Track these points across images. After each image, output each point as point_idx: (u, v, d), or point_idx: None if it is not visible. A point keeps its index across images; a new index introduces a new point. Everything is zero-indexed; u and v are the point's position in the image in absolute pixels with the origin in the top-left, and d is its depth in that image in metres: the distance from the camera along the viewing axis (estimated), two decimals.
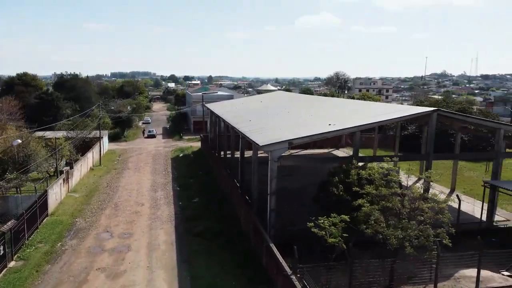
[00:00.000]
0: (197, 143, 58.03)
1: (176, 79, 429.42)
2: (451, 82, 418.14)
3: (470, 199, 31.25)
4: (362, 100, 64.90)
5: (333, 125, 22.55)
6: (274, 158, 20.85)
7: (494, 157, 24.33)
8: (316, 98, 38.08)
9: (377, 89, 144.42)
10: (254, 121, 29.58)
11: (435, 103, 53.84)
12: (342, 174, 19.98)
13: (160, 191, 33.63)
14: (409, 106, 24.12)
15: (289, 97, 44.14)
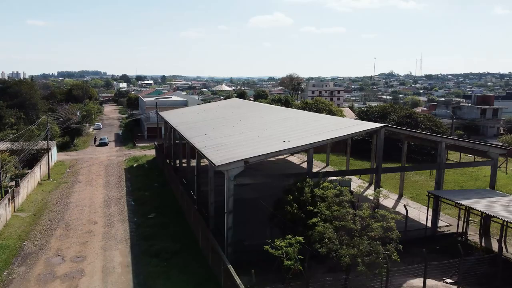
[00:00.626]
0: (152, 151, 56.96)
1: (128, 79, 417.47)
2: (398, 82, 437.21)
3: (417, 205, 33.07)
4: (315, 104, 66.58)
5: (288, 142, 23.09)
6: (230, 177, 21.02)
7: (437, 168, 25.86)
8: (271, 109, 38.56)
9: (329, 91, 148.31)
10: (210, 134, 29.58)
11: (383, 109, 56.36)
12: (297, 192, 20.52)
13: (114, 207, 32.76)
14: (359, 122, 25.10)
15: (244, 105, 44.41)
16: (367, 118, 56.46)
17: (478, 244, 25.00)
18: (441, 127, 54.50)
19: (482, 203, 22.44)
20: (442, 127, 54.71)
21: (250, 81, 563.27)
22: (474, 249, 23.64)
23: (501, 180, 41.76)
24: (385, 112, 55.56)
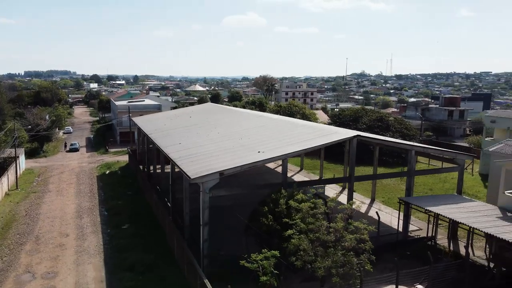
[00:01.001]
0: (125, 156, 56.02)
1: (99, 79, 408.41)
2: (370, 82, 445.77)
3: (389, 209, 33.94)
4: (289, 107, 67.10)
5: (263, 153, 23.26)
6: (205, 189, 21.00)
7: (407, 176, 26.63)
8: (246, 115, 38.65)
9: (302, 92, 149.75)
10: (184, 143, 29.42)
11: (355, 113, 57.41)
12: (272, 204, 20.70)
13: (86, 217, 32.07)
14: (332, 131, 25.53)
15: (219, 111, 44.31)
16: (340, 121, 57.41)
17: (446, 248, 25.92)
18: (410, 130, 56.01)
19: (449, 210, 23.26)
20: (411, 130, 56.24)
21: (224, 81, 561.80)
22: (443, 253, 24.47)
23: (468, 182, 43.38)
24: (357, 116, 56.63)
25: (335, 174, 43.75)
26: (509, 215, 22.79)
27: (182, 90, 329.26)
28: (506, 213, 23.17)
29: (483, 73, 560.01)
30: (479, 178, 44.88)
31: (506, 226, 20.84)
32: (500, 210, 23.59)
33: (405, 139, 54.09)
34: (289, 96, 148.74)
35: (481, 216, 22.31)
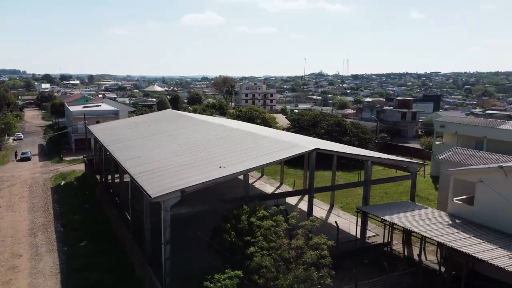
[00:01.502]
0: (81, 165, 54.14)
1: (52, 79, 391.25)
2: (327, 82, 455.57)
3: (347, 215, 35.04)
4: (249, 112, 67.42)
5: (224, 168, 23.34)
6: (166, 208, 20.82)
7: (364, 185, 27.62)
8: (206, 124, 38.46)
9: (262, 94, 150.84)
10: (144, 157, 28.93)
11: (314, 118, 58.62)
12: (234, 220, 20.84)
13: (40, 235, 30.77)
14: (292, 143, 26.00)
15: (179, 119, 43.80)
16: (299, 126, 58.45)
17: (401, 254, 27.16)
18: (367, 133, 57.92)
19: (403, 218, 24.37)
20: (367, 133, 58.16)
21: (183, 81, 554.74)
22: (399, 259, 25.60)
23: (420, 184, 45.44)
24: (316, 120, 57.88)
25: (296, 180, 44.58)
26: (458, 222, 24.23)
27: (140, 90, 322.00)
28: (455, 219, 24.60)
29: (433, 73, 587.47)
30: (431, 181, 47.19)
31: (455, 234, 22.15)
32: (449, 216, 25.02)
33: (361, 142, 55.96)
34: (249, 97, 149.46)
35: (432, 224, 23.56)
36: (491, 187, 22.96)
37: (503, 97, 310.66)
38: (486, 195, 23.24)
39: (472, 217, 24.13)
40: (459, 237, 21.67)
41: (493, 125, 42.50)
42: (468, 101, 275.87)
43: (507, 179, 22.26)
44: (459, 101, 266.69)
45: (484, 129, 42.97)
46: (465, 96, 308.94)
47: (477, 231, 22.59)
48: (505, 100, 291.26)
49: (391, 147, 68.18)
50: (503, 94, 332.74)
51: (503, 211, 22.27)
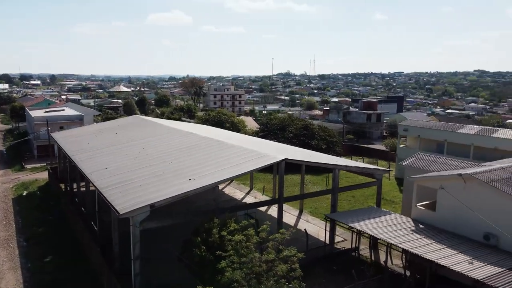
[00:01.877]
0: (44, 174, 52.28)
1: (10, 79, 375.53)
2: (295, 82, 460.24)
3: (316, 220, 35.67)
4: (218, 116, 67.25)
5: (194, 181, 23.28)
6: (136, 223, 20.57)
7: (332, 193, 28.25)
8: (175, 132, 38.09)
9: (230, 95, 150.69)
10: (111, 168, 28.38)
11: (282, 122, 59.22)
12: (205, 234, 20.82)
13: (1, 251, 29.53)
14: (261, 153, 26.23)
15: (146, 126, 43.13)
16: (268, 130, 58.90)
17: (369, 259, 27.99)
18: (333, 137, 59.12)
19: (370, 225, 25.12)
20: (334, 136, 59.36)
21: (150, 80, 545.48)
22: (366, 264, 26.35)
23: (385, 187, 46.82)
24: (284, 124, 58.52)
25: (265, 185, 44.95)
26: (421, 227, 25.24)
27: (105, 91, 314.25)
28: (418, 225, 25.61)
29: (396, 73, 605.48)
30: (395, 183, 48.68)
31: (418, 240, 23.07)
32: (413, 222, 26.01)
33: (329, 146, 57.09)
34: (218, 99, 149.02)
35: (397, 230, 24.43)
36: (451, 194, 24.05)
37: (461, 97, 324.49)
38: (447, 201, 24.32)
39: (434, 222, 25.19)
40: (422, 243, 22.59)
41: (452, 129, 44.39)
42: (429, 100, 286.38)
43: (465, 186, 23.39)
44: (421, 101, 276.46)
45: (444, 133, 44.81)
46: (426, 96, 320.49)
47: (439, 236, 23.62)
48: (464, 99, 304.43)
49: (357, 149, 69.88)
50: (462, 93, 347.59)
51: (463, 217, 23.38)
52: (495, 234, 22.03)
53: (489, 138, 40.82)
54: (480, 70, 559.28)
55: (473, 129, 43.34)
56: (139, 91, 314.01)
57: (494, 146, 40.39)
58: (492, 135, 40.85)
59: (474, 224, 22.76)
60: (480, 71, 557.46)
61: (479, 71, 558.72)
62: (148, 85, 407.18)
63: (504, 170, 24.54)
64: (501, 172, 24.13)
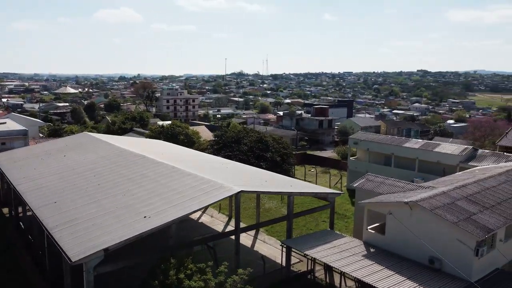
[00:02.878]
0: None
1: None
2: (248, 82, 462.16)
3: (272, 239, 36.24)
4: (172, 128, 66.16)
5: (149, 218, 22.94)
6: (89, 269, 19.97)
7: (287, 219, 28.86)
8: (126, 154, 37.11)
9: (184, 99, 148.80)
10: (60, 202, 27.26)
11: (237, 134, 59.40)
12: (162, 275, 20.60)
13: None
14: (217, 184, 26.27)
15: (97, 146, 41.63)
16: (223, 143, 58.86)
17: (324, 281, 28.92)
18: (287, 148, 60.17)
19: (323, 252, 25.92)
20: (288, 148, 60.42)
21: (99, 80, 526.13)
22: None
23: (338, 199, 48.46)
24: (239, 137, 58.73)
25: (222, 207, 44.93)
26: (372, 251, 26.43)
27: (51, 92, 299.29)
28: (369, 248, 26.80)
29: (346, 73, 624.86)
30: (347, 194, 50.36)
31: (370, 266, 24.15)
32: (365, 245, 27.17)
33: (283, 158, 58.03)
34: (171, 103, 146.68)
35: (349, 256, 25.40)
36: (399, 219, 25.42)
37: (406, 96, 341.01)
38: (396, 225, 25.66)
39: (384, 245, 26.47)
40: (373, 269, 23.66)
41: (398, 143, 46.68)
42: (377, 100, 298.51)
43: (412, 212, 24.80)
44: (369, 101, 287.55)
45: (391, 147, 47.03)
46: (374, 96, 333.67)
47: (389, 260, 24.85)
48: (409, 99, 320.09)
49: (310, 157, 71.60)
50: (407, 93, 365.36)
51: (410, 241, 24.76)
52: (439, 258, 23.55)
53: (431, 153, 43.35)
54: (423, 70, 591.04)
55: (417, 143, 45.80)
56: (87, 93, 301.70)
57: (436, 160, 42.92)
58: (434, 149, 43.41)
59: (420, 248, 24.19)
60: (423, 71, 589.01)
61: (422, 71, 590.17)
62: (97, 86, 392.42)
63: (446, 195, 26.21)
64: (444, 198, 25.78)
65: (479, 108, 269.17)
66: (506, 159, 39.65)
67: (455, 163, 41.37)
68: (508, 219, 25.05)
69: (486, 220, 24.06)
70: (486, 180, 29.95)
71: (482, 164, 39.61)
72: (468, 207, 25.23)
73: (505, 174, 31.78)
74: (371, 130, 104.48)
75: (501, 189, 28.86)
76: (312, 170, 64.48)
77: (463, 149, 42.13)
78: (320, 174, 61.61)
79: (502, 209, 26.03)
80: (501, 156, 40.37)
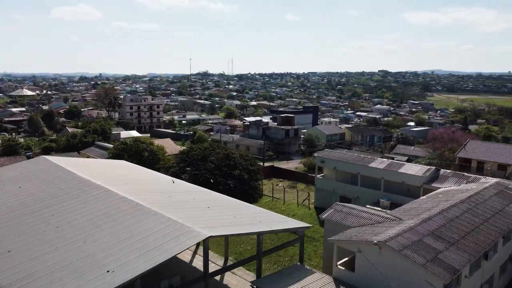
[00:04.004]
0: None
1: None
2: (213, 83, 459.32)
3: (241, 270, 35.49)
4: (135, 145, 64.09)
5: (112, 273, 21.76)
6: None
7: (256, 259, 28.35)
8: (86, 184, 35.37)
9: (148, 106, 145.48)
10: (14, 250, 25.44)
11: (204, 151, 58.29)
12: None
13: None
14: (184, 230, 25.34)
15: (53, 176, 39.36)
16: (189, 160, 57.68)
17: None
18: (254, 165, 59.76)
19: None
20: (255, 165, 60.00)
21: (58, 81, 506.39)
22: None
23: (306, 219, 48.58)
24: (205, 154, 57.74)
25: None
26: None
27: (6, 95, 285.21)
28: (339, 285, 26.74)
29: (310, 73, 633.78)
30: (315, 213, 50.46)
31: None
32: (335, 282, 27.06)
33: (250, 175, 57.58)
34: (134, 110, 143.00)
35: None
36: (368, 258, 25.47)
37: (369, 97, 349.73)
38: (365, 263, 25.69)
39: (354, 282, 26.45)
40: None
41: (364, 163, 47.20)
42: (341, 102, 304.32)
43: (381, 252, 24.90)
44: (333, 103, 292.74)
45: (357, 166, 47.51)
46: (338, 97, 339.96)
47: None
48: (371, 100, 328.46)
49: (278, 171, 71.50)
50: (369, 94, 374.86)
51: (380, 279, 24.85)
52: None
53: (396, 173, 44.11)
54: (383, 71, 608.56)
55: (382, 163, 46.50)
56: (46, 96, 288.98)
57: (401, 180, 43.73)
58: (399, 170, 44.19)
59: (390, 286, 24.30)
60: (383, 71, 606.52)
61: (383, 71, 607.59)
62: (56, 87, 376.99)
63: (413, 231, 26.51)
64: (411, 234, 26.05)
65: (437, 109, 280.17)
66: (467, 180, 40.93)
67: (419, 184, 42.29)
68: (472, 255, 25.66)
69: (452, 259, 24.52)
70: (449, 209, 30.61)
71: (444, 186, 40.70)
72: (435, 244, 25.63)
73: (466, 201, 32.65)
74: (336, 137, 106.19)
75: (464, 220, 29.59)
76: (280, 185, 64.37)
77: (426, 170, 43.12)
78: (288, 189, 61.56)
79: (466, 244, 26.65)
80: (461, 177, 41.63)
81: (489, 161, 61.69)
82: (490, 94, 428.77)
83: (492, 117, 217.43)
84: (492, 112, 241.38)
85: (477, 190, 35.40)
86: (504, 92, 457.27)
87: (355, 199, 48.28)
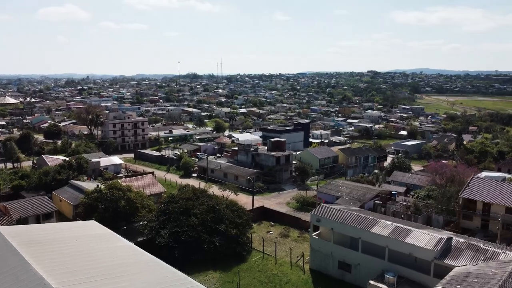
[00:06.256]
0: None
1: None
2: (202, 87, 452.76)
3: None
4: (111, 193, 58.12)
5: None
6: None
7: None
8: None
9: (132, 123, 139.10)
10: None
11: (187, 201, 52.74)
12: None
13: None
14: None
15: (11, 263, 33.51)
16: (173, 208, 52.14)
17: None
18: (243, 216, 54.40)
19: None
20: (243, 216, 54.59)
21: (44, 84, 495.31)
22: None
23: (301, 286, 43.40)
24: (187, 206, 52.22)
25: None
26: None
27: None
28: None
29: (300, 74, 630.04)
30: (311, 280, 45.10)
31: None
32: None
33: (239, 229, 52.17)
34: (118, 128, 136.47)
35: None
36: None
37: (359, 101, 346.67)
38: None
39: None
40: None
41: (365, 227, 42.05)
42: (331, 107, 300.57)
43: None
44: (324, 108, 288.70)
45: (358, 230, 42.39)
46: (328, 101, 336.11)
47: None
48: (362, 105, 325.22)
49: (268, 213, 66.17)
50: (359, 97, 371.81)
51: None
52: None
53: (402, 243, 39.04)
54: (373, 71, 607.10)
55: (386, 228, 41.37)
56: (29, 104, 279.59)
57: (408, 252, 38.73)
58: (405, 240, 39.11)
59: None
60: (373, 72, 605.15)
61: (372, 72, 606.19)
62: (41, 93, 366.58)
63: None
64: None
65: (428, 114, 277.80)
66: (484, 255, 36.05)
67: (429, 259, 37.30)
68: None
69: None
70: None
71: (459, 262, 35.73)
72: None
73: None
74: (329, 161, 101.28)
75: None
76: (271, 232, 59.11)
77: (437, 241, 38.04)
78: (280, 238, 56.35)
79: None
80: (477, 251, 36.71)
81: (496, 204, 57.26)
82: (478, 95, 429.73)
83: (484, 123, 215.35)
84: (483, 118, 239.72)
85: (503, 278, 30.23)
86: (492, 93, 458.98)
87: (355, 266, 43.21)
